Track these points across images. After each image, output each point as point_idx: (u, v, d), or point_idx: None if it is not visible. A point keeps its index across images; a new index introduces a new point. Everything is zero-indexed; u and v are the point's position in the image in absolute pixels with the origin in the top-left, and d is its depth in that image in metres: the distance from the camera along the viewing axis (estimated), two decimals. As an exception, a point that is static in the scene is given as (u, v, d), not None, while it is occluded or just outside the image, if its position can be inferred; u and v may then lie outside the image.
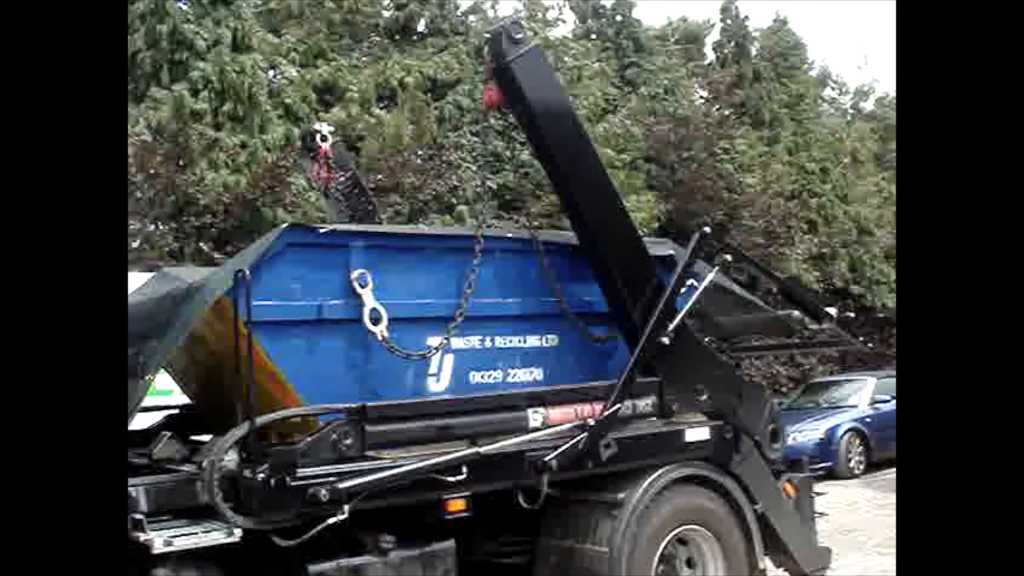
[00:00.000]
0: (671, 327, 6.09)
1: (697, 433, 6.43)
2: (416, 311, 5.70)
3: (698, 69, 32.30)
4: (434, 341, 5.70)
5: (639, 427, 6.21)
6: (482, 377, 5.99)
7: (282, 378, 5.30)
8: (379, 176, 18.38)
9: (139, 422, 6.45)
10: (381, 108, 22.14)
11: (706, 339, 7.05)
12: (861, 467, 16.78)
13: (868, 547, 10.10)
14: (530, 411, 5.70)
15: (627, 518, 5.92)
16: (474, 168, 19.52)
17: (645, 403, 6.22)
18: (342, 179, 7.88)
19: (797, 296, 7.45)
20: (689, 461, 6.36)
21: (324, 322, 5.41)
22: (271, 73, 21.47)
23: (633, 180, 22.37)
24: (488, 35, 6.41)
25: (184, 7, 19.35)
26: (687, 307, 6.26)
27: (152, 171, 16.76)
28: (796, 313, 7.04)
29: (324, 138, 7.67)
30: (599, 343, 6.48)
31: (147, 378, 4.98)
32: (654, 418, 6.31)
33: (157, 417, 6.89)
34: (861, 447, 16.94)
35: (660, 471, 6.16)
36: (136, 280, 6.30)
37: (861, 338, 26.21)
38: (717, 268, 6.48)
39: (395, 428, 5.22)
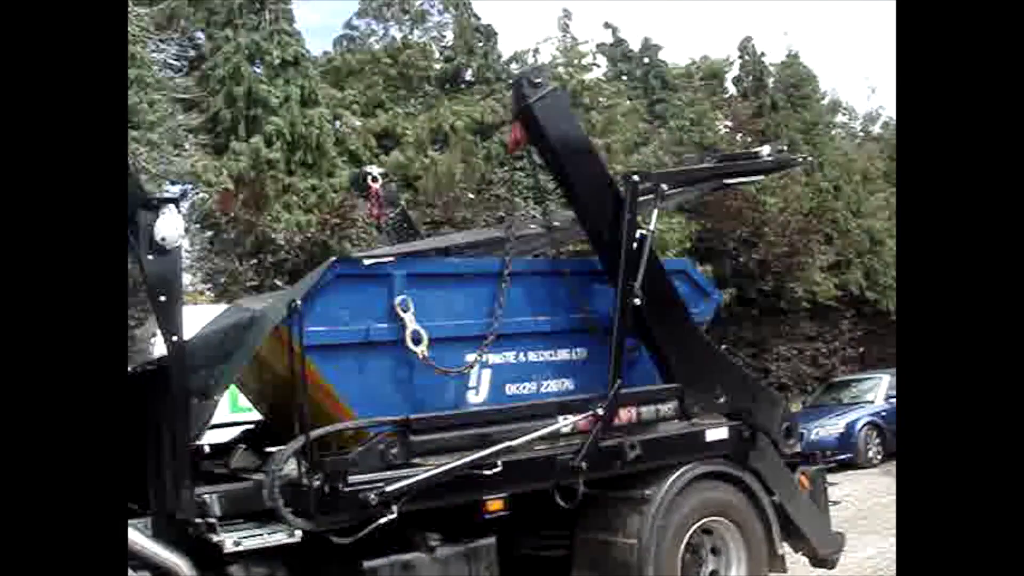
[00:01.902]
0: (637, 283, 5.88)
1: (717, 433, 6.33)
2: (454, 331, 5.68)
3: (721, 102, 32.06)
4: (471, 358, 5.68)
5: (663, 429, 6.13)
6: (517, 389, 5.95)
7: (336, 395, 5.32)
8: (435, 211, 18.52)
9: (220, 436, 6.53)
10: (435, 150, 22.34)
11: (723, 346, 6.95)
12: (879, 457, 16.48)
13: (884, 531, 9.87)
14: (560, 418, 5.64)
15: (654, 512, 5.84)
16: (520, 200, 19.57)
17: (668, 407, 6.14)
18: (391, 215, 7.94)
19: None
20: (710, 459, 6.26)
21: (371, 344, 5.42)
22: (337, 123, 21.78)
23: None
24: (512, 81, 6.41)
25: (258, 70, 19.70)
26: (645, 255, 6.01)
27: (233, 215, 17.03)
28: None
29: (375, 179, 7.75)
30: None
31: (215, 399, 5.04)
32: (676, 420, 6.22)
33: (236, 432, 6.94)
34: (878, 439, 16.64)
35: (683, 468, 6.08)
36: (217, 312, 6.43)
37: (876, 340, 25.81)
38: (661, 204, 6.32)
39: (437, 437, 5.20)
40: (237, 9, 20.32)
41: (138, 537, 4.63)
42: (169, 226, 4.63)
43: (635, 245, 6.01)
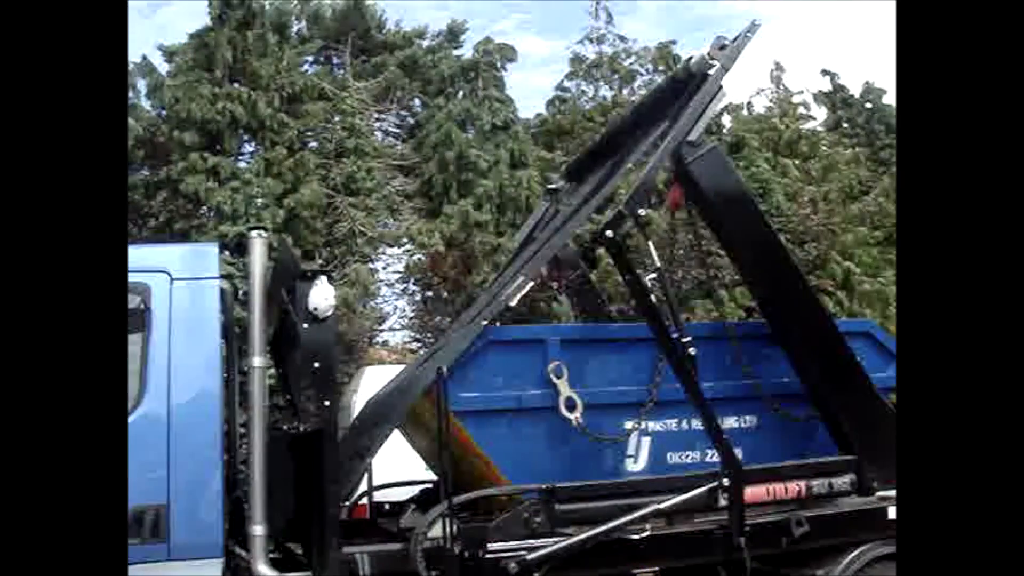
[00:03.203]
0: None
1: (902, 510, 5.84)
2: (610, 398, 5.61)
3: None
4: (629, 425, 5.59)
5: (837, 504, 5.74)
6: (680, 457, 5.77)
7: (488, 460, 5.37)
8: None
9: (399, 495, 6.71)
10: (648, 208, 22.26)
11: None
12: None
13: None
14: (720, 489, 5.41)
15: (828, 594, 5.46)
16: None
17: (843, 480, 5.75)
18: (572, 276, 7.98)
19: None
20: (892, 539, 5.77)
21: (524, 410, 5.45)
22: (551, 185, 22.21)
23: (887, 255, 21.02)
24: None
25: (469, 136, 20.51)
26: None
27: (444, 275, 17.69)
28: None
29: (554, 243, 7.81)
30: (799, 423, 6.07)
31: (367, 460, 5.24)
32: (854, 495, 5.81)
33: (413, 491, 7.13)
34: None
35: (862, 548, 5.64)
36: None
37: None
38: None
39: (584, 507, 5.14)
40: (449, 78, 21.30)
41: None
42: (320, 296, 4.88)
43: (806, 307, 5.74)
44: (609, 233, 5.34)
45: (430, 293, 20.16)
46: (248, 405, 5.02)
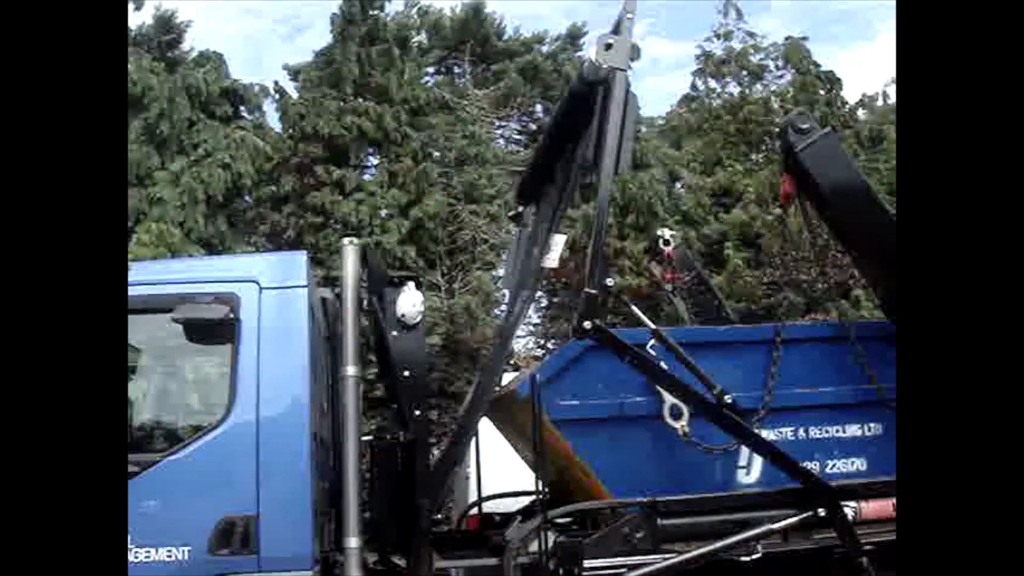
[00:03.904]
0: None
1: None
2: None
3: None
4: (741, 434, 5.24)
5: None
6: (798, 468, 5.39)
7: (589, 471, 5.16)
8: (776, 272, 17.78)
9: (510, 505, 6.55)
10: (778, 207, 21.50)
11: None
12: None
13: None
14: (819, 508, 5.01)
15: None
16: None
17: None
18: (687, 278, 7.70)
19: None
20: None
21: (626, 419, 5.20)
22: (678, 184, 21.75)
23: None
24: (777, 129, 5.95)
25: (590, 138, 20.29)
26: None
27: (567, 281, 17.52)
28: None
29: (667, 242, 7.60)
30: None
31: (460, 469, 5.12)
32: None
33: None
34: None
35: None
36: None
37: None
38: None
39: (689, 522, 4.84)
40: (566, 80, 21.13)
41: None
42: (408, 303, 4.78)
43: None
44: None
45: (556, 299, 20.01)
46: (342, 415, 4.97)
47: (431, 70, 22.02)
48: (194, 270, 5.81)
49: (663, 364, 5.13)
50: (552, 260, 5.09)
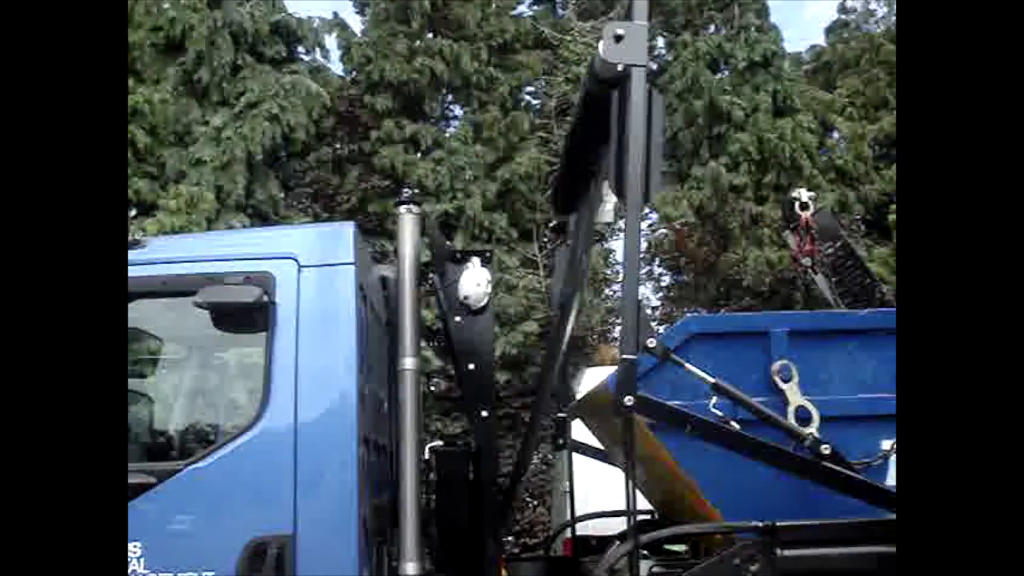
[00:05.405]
0: None
1: None
2: (859, 408, 5.22)
3: None
4: (888, 444, 5.17)
5: None
6: (959, 487, 5.29)
7: (694, 486, 5.15)
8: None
9: (609, 527, 6.61)
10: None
11: None
12: None
13: None
14: None
15: None
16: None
17: None
18: (830, 250, 7.60)
19: None
20: None
21: (741, 423, 5.16)
22: (835, 134, 21.35)
23: None
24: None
25: (722, 77, 20.02)
26: None
27: (692, 254, 17.43)
28: None
29: (804, 206, 7.51)
30: None
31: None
32: None
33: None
34: None
35: None
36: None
37: None
38: None
39: (817, 554, 4.79)
40: (697, 8, 20.89)
41: None
42: (472, 282, 4.82)
43: None
44: None
45: (683, 277, 19.92)
46: (398, 416, 5.04)
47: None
48: (222, 245, 5.89)
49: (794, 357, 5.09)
50: (607, 213, 5.03)
